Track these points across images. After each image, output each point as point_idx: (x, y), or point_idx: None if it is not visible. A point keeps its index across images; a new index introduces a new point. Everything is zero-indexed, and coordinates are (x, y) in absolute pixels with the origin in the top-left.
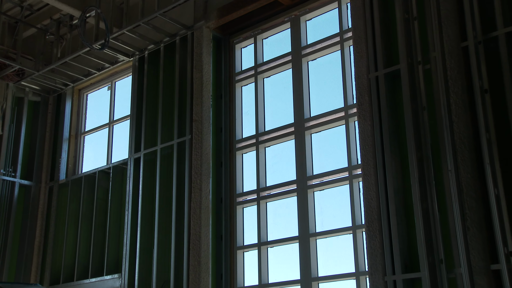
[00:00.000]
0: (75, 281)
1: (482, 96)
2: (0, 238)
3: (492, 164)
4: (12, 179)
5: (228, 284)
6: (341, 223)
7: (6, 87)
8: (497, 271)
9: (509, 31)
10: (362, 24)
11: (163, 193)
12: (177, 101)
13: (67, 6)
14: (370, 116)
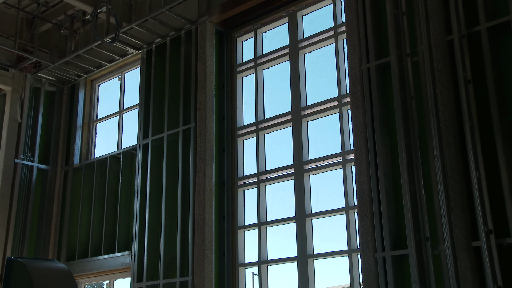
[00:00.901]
0: (89, 258)
1: (465, 86)
2: (20, 218)
3: (474, 149)
4: (30, 163)
5: (230, 261)
6: (335, 205)
7: (24, 78)
8: (477, 248)
9: (491, 25)
10: (355, 19)
11: (170, 176)
12: (182, 91)
13: (80, 2)
14: (362, 105)
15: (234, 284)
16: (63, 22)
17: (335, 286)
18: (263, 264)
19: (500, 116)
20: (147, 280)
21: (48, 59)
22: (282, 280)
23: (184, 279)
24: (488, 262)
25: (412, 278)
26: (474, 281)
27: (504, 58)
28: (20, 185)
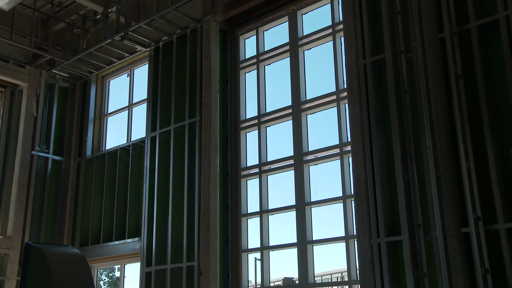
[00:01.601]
0: (101, 243)
1: (456, 82)
2: (37, 206)
3: (464, 141)
4: (45, 155)
5: (233, 247)
6: (333, 194)
7: (39, 75)
8: (466, 234)
9: (480, 23)
10: (351, 17)
11: (176, 167)
12: (188, 86)
13: (92, 2)
14: (359, 99)
15: (237, 269)
16: (76, 22)
17: (332, 270)
18: (265, 250)
19: (489, 110)
20: (155, 265)
21: (62, 57)
22: (283, 265)
23: (190, 264)
24: (476, 247)
25: (405, 262)
26: (463, 265)
27: (492, 54)
28: (36, 175)
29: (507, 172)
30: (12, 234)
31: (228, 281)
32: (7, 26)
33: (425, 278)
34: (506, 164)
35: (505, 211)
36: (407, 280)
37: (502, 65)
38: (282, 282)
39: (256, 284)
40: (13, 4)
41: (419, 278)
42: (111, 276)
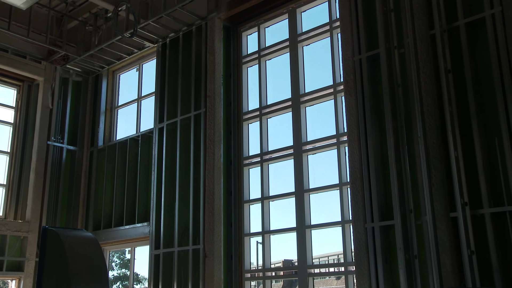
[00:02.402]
0: (112, 228)
1: (446, 76)
2: (53, 193)
3: (453, 131)
4: (60, 145)
5: (236, 231)
6: (330, 181)
7: (54, 70)
8: (454, 218)
9: (468, 21)
10: (348, 15)
11: (183, 156)
12: (194, 80)
13: (103, 1)
14: (355, 92)
15: (240, 251)
16: (88, 20)
17: (329, 253)
18: (266, 234)
19: (476, 102)
20: (163, 248)
21: (75, 53)
22: (283, 248)
23: (196, 247)
24: (463, 231)
25: (398, 245)
26: (450, 247)
27: (480, 50)
28: (52, 164)
29: (492, 160)
30: (31, 219)
31: (232, 263)
32: (25, 24)
33: (416, 259)
34: (491, 153)
35: (490, 197)
36: (399, 261)
37: (488, 60)
38: (282, 264)
39: (257, 266)
40: (30, 3)
41: (410, 260)
42: (122, 258)
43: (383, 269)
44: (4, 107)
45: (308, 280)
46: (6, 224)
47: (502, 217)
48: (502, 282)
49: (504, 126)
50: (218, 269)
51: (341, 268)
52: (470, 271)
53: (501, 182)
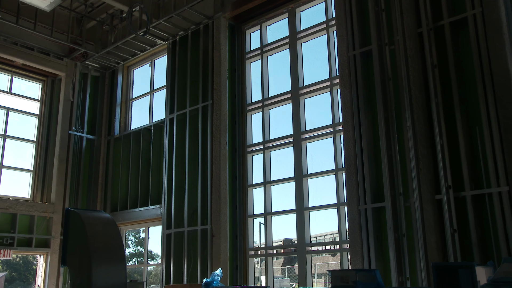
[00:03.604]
0: (128, 209)
1: (432, 70)
2: (75, 177)
3: (439, 121)
4: (80, 134)
5: (241, 212)
6: (326, 167)
7: (75, 66)
8: (439, 200)
9: (452, 20)
10: (343, 14)
11: (191, 144)
12: (201, 74)
13: (118, 3)
14: (349, 85)
15: (244, 231)
16: (105, 20)
17: (326, 232)
18: (268, 215)
19: (459, 95)
20: (174, 228)
21: (93, 50)
22: (283, 228)
23: (204, 227)
24: (447, 211)
25: (388, 225)
26: (435, 226)
27: (462, 47)
28: (73, 151)
29: (474, 147)
30: (55, 201)
31: (237, 241)
32: (48, 24)
33: (404, 238)
34: (473, 141)
35: (471, 181)
36: (389, 239)
37: (470, 56)
38: (282, 242)
39: (260, 244)
40: (53, 6)
41: (399, 238)
42: (137, 237)
43: (375, 247)
44: (30, 100)
45: (306, 257)
46: (33, 205)
47: (482, 199)
48: (481, 257)
49: (484, 117)
50: (224, 247)
51: (337, 246)
52: (452, 248)
53: (481, 167)
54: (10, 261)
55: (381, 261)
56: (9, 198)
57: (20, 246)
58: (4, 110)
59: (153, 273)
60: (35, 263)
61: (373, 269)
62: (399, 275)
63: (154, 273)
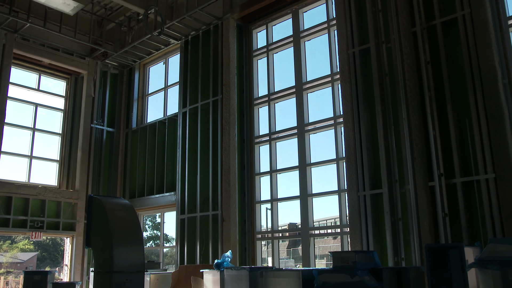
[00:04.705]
0: (145, 196)
1: (426, 66)
2: (96, 167)
3: (432, 113)
4: (101, 127)
5: (249, 199)
6: (328, 156)
7: (96, 64)
8: (432, 187)
9: (444, 20)
10: (343, 14)
11: (203, 136)
12: (212, 71)
13: (135, 6)
14: (349, 80)
15: (252, 216)
16: (123, 22)
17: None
18: (274, 201)
19: (451, 89)
20: (188, 213)
21: (113, 50)
22: (288, 213)
23: (215, 212)
24: (439, 197)
25: (385, 210)
26: (428, 211)
27: (453, 45)
28: (95, 143)
29: (463, 138)
30: (79, 188)
31: (245, 226)
32: (72, 27)
33: (400, 221)
34: (462, 132)
35: (461, 169)
36: (385, 223)
37: (460, 53)
38: (287, 226)
39: (267, 228)
40: (76, 10)
41: (395, 222)
42: (154, 221)
43: (373, 230)
44: (56, 96)
45: (309, 240)
46: (60, 192)
47: (471, 185)
48: (469, 238)
49: (473, 110)
50: (234, 231)
51: (338, 229)
52: (443, 230)
53: (470, 156)
54: (41, 242)
55: (379, 243)
56: (39, 186)
57: (49, 229)
58: (33, 106)
59: (168, 255)
60: (63, 244)
61: (371, 251)
62: (395, 256)
63: (169, 254)
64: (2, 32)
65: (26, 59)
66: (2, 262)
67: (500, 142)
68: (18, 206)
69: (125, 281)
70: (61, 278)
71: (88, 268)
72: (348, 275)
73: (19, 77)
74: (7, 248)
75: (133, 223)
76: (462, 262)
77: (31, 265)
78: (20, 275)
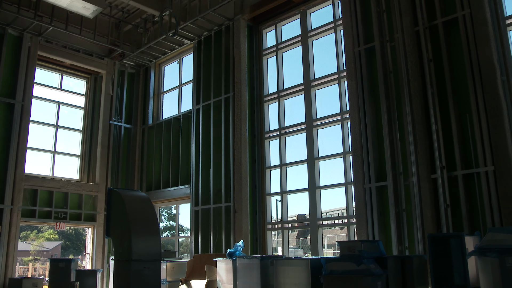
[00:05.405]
0: (161, 189)
1: (428, 64)
2: (115, 161)
3: (434, 108)
4: (119, 123)
5: (260, 191)
6: (335, 150)
7: (114, 64)
8: (434, 179)
9: (445, 20)
10: (349, 15)
11: (216, 131)
12: (224, 69)
13: (151, 9)
14: (355, 77)
15: (263, 208)
16: (139, 23)
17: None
18: (284, 194)
19: (452, 85)
20: (201, 205)
21: (130, 50)
22: (297, 204)
23: (227, 204)
24: (441, 189)
25: (390, 201)
26: (431, 202)
27: (454, 43)
28: (113, 139)
29: (464, 132)
30: (99, 181)
31: (256, 217)
32: (91, 29)
33: (404, 212)
34: (463, 127)
35: (462, 162)
36: (390, 214)
37: (461, 51)
38: (297, 217)
39: (277, 219)
40: (95, 13)
41: (399, 213)
42: (169, 213)
43: (378, 221)
44: (77, 95)
45: (317, 230)
46: (81, 185)
47: (471, 178)
48: (469, 228)
49: (474, 105)
50: (246, 221)
51: (344, 220)
52: (445, 220)
53: (470, 150)
54: (64, 232)
55: (384, 233)
56: (62, 179)
57: (72, 220)
58: (56, 104)
59: (183, 244)
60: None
61: (377, 240)
62: (399, 245)
63: (184, 244)
64: (27, 36)
65: (49, 60)
66: (30, 250)
67: (499, 136)
68: (43, 198)
69: (143, 269)
70: (83, 265)
71: (108, 256)
72: (354, 263)
73: (43, 77)
74: (34, 237)
75: (150, 214)
76: (462, 250)
77: (56, 253)
78: (46, 262)
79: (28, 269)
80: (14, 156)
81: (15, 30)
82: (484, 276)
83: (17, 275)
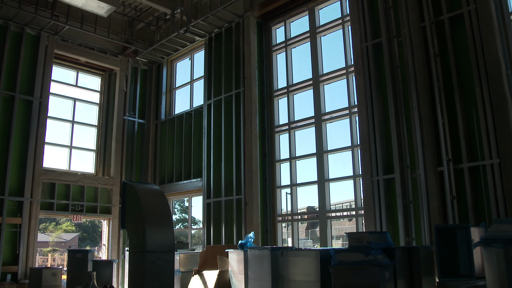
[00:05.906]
0: (174, 182)
1: (434, 59)
2: (129, 155)
3: (440, 102)
4: (133, 119)
5: (270, 184)
6: (344, 144)
7: (127, 61)
8: (441, 171)
9: (451, 16)
10: (356, 11)
11: (227, 126)
12: (234, 65)
13: (163, 7)
14: (363, 72)
15: (273, 200)
16: (152, 21)
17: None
18: (294, 186)
19: (458, 79)
20: (213, 198)
21: (142, 47)
22: (307, 197)
23: (238, 196)
24: (447, 181)
25: (397, 193)
26: (437, 194)
27: (460, 38)
28: (127, 133)
29: (470, 126)
30: (114, 175)
31: (267, 209)
32: (105, 27)
33: (411, 204)
34: (469, 120)
35: (468, 155)
36: (397, 206)
37: (466, 46)
38: (306, 209)
39: (287, 211)
40: (109, 12)
41: (406, 205)
42: (182, 205)
43: (386, 212)
44: (92, 91)
45: (326, 222)
46: (97, 179)
47: (477, 170)
48: (475, 219)
49: (479, 99)
50: (256, 214)
51: (353, 212)
52: (451, 212)
53: (476, 143)
54: (81, 224)
55: (391, 225)
56: (78, 173)
57: (88, 212)
58: (72, 100)
59: (196, 236)
60: (101, 226)
61: (384, 231)
62: (406, 236)
63: (197, 235)
64: (44, 35)
65: (66, 58)
66: (49, 241)
67: (504, 129)
68: (60, 191)
69: (157, 260)
70: (99, 256)
71: (123, 247)
72: (362, 254)
73: (60, 74)
74: (52, 229)
75: (164, 207)
76: (468, 241)
77: (73, 244)
78: (64, 253)
79: (47, 259)
80: (32, 151)
81: (33, 29)
82: (489, 266)
83: (37, 265)
